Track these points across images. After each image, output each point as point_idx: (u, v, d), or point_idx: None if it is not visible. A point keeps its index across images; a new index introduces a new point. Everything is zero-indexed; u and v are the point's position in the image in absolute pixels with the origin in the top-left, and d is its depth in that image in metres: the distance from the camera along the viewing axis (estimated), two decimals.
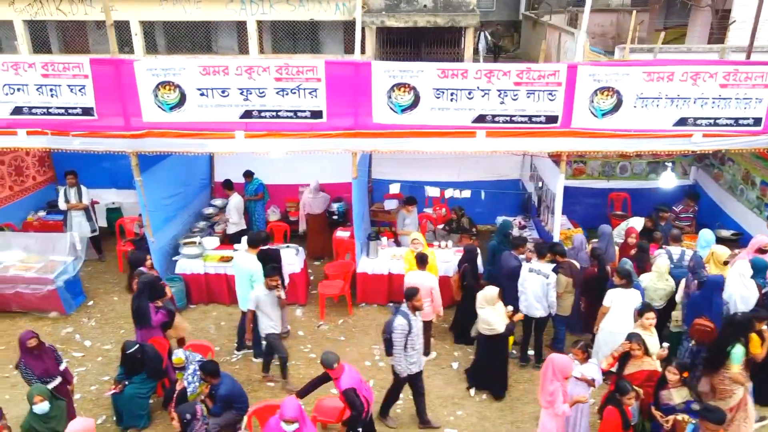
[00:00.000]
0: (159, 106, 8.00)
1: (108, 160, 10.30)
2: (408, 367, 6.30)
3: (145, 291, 6.81)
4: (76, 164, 11.13)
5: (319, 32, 22.29)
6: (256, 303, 7.01)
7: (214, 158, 11.31)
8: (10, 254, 8.92)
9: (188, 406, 5.32)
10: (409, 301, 6.23)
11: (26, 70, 7.84)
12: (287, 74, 7.84)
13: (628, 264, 7.14)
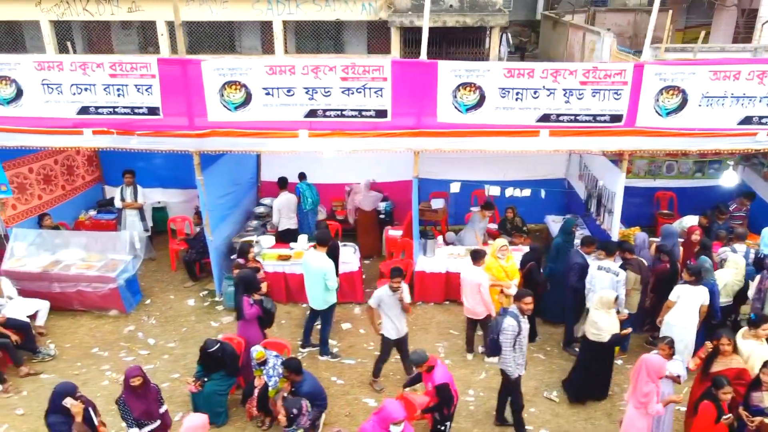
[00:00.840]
0: (224, 106, 8.06)
1: (155, 160, 10.41)
2: (517, 368, 6.23)
3: (240, 285, 6.85)
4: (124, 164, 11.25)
5: (343, 32, 22.35)
6: (379, 302, 6.99)
7: (261, 158, 11.35)
8: (70, 253, 8.98)
9: (294, 401, 5.38)
10: (518, 302, 6.18)
11: (94, 70, 7.90)
12: (353, 73, 7.89)
13: (708, 263, 7.17)
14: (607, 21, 25.71)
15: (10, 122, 8.16)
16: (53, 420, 5.32)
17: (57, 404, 5.30)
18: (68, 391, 5.38)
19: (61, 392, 5.36)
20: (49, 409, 5.39)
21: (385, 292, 6.94)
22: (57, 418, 5.31)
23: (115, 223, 10.45)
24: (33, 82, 7.97)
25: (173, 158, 10.35)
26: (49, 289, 8.64)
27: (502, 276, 7.61)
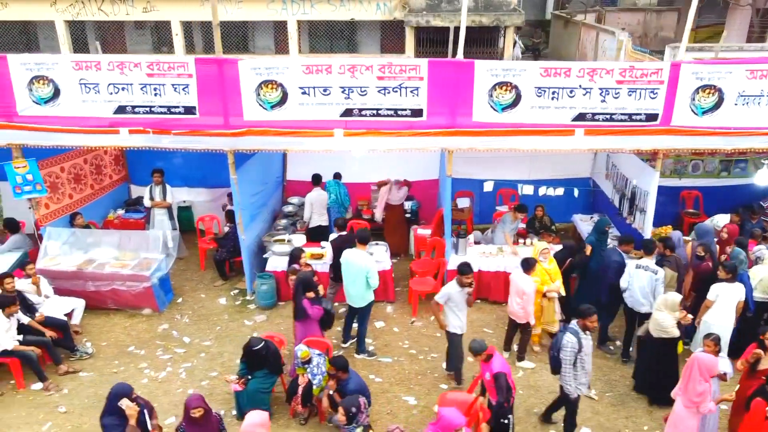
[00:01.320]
0: (260, 105, 8.09)
1: (180, 159, 10.45)
2: (577, 387, 6.10)
3: (300, 286, 6.87)
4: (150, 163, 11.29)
5: (356, 32, 22.39)
6: (447, 298, 6.98)
7: (287, 157, 11.38)
8: (103, 252, 9.02)
9: (353, 399, 5.40)
10: (582, 319, 5.99)
11: (131, 69, 7.94)
12: (390, 73, 7.93)
13: (742, 254, 7.21)
14: (616, 21, 25.74)
15: (47, 121, 8.20)
16: (108, 421, 5.31)
17: (113, 405, 5.30)
18: (124, 392, 5.38)
19: (117, 393, 5.35)
20: (105, 411, 5.38)
21: (455, 288, 6.93)
22: (111, 420, 5.30)
23: (144, 222, 10.49)
24: (70, 82, 8.00)
25: (198, 158, 10.36)
26: (83, 288, 8.68)
27: (546, 279, 7.60)
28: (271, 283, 8.92)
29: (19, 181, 8.55)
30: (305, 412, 6.66)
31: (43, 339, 7.55)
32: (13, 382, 7.47)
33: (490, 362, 5.85)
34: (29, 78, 7.97)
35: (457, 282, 6.94)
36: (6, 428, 6.74)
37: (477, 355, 5.91)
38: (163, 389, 7.40)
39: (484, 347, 5.90)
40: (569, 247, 8.44)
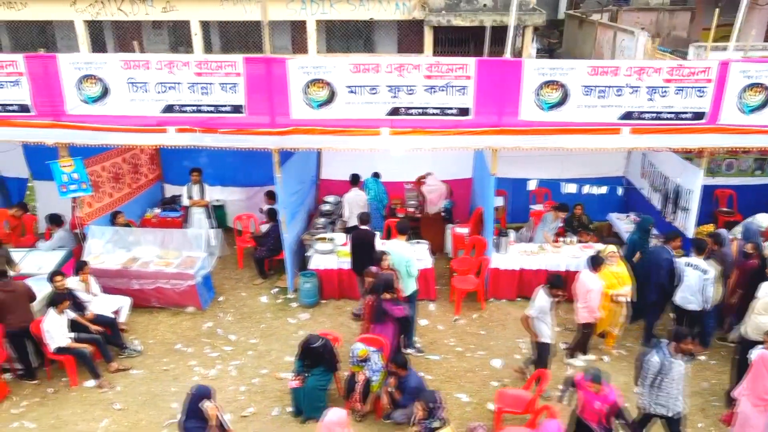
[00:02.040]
0: (307, 104, 8.14)
1: (214, 158, 10.48)
2: (653, 406, 5.86)
3: (381, 288, 6.80)
4: (183, 162, 11.34)
5: (374, 32, 22.44)
6: (540, 311, 6.87)
7: (321, 156, 11.42)
8: (146, 250, 9.06)
9: (430, 393, 5.44)
10: (677, 342, 5.69)
11: (180, 68, 7.98)
12: (438, 72, 7.96)
13: None
14: (629, 20, 25.75)
15: (95, 120, 8.24)
16: (190, 425, 5.30)
17: (194, 408, 5.30)
18: (205, 394, 5.39)
19: (199, 395, 5.36)
20: (187, 414, 5.37)
21: (545, 300, 6.80)
22: (193, 423, 5.29)
23: (181, 220, 10.54)
24: (119, 81, 8.05)
25: (232, 157, 10.43)
26: (127, 286, 8.73)
27: (614, 282, 7.53)
28: (314, 281, 8.95)
29: (65, 179, 8.60)
30: (364, 409, 6.68)
31: (94, 336, 7.59)
32: (65, 379, 7.52)
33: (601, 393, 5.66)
34: (78, 77, 8.02)
35: (546, 293, 6.81)
36: (64, 425, 6.79)
37: (594, 382, 5.64)
38: (214, 386, 7.36)
39: (600, 377, 5.68)
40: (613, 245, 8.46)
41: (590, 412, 5.71)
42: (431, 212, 10.54)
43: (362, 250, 8.44)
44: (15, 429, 6.74)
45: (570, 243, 9.42)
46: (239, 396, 7.24)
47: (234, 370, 7.72)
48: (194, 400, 5.32)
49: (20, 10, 20.67)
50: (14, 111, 8.24)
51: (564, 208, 9.62)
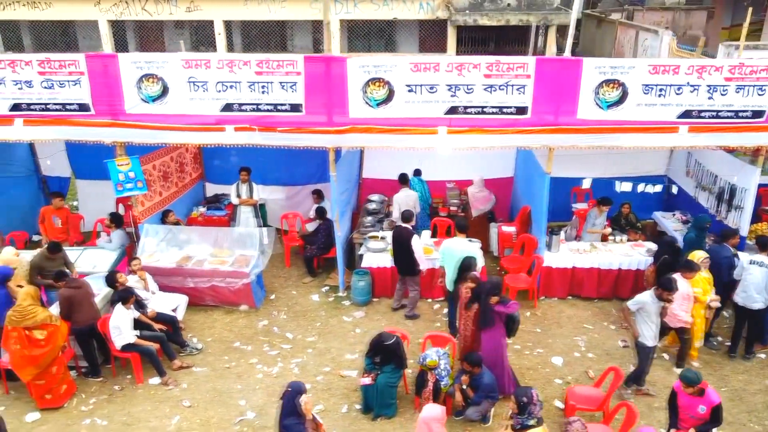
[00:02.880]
0: (366, 102, 8.17)
1: (255, 157, 10.50)
2: None
3: (492, 291, 6.69)
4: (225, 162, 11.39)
5: (396, 31, 22.48)
6: (640, 306, 6.77)
7: (363, 155, 11.45)
8: (199, 248, 9.10)
9: (524, 390, 5.45)
10: None
11: (240, 68, 8.00)
12: (497, 71, 7.99)
13: None
14: (645, 19, 25.77)
15: (154, 119, 8.28)
16: (289, 422, 5.29)
17: (291, 405, 5.31)
18: (301, 390, 5.42)
19: (295, 392, 5.37)
20: (284, 412, 5.38)
21: (650, 298, 6.69)
22: (292, 420, 5.29)
23: (228, 219, 10.58)
24: (179, 80, 8.08)
25: (275, 156, 10.48)
26: (182, 284, 8.76)
27: (708, 288, 7.41)
28: (367, 279, 8.99)
29: (121, 178, 8.63)
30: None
31: (158, 334, 7.63)
32: (129, 376, 7.57)
33: (704, 395, 5.64)
34: (139, 76, 8.06)
35: (654, 293, 6.70)
36: (136, 422, 6.83)
37: (690, 386, 5.63)
38: (279, 384, 7.43)
39: (700, 379, 5.65)
40: (668, 243, 8.49)
41: (689, 420, 5.67)
42: (476, 214, 10.55)
43: (399, 248, 8.54)
44: (87, 426, 6.78)
45: (620, 242, 9.44)
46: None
47: (296, 368, 7.75)
48: (291, 397, 5.35)
49: (44, 10, 20.74)
50: (74, 110, 8.28)
51: (607, 202, 9.65)
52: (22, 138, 8.53)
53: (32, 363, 6.60)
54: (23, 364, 6.58)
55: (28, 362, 6.59)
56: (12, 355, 6.60)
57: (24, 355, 6.56)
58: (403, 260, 8.59)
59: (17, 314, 6.51)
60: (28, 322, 6.53)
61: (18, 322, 6.50)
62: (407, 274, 8.67)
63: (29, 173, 11.41)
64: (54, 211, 9.47)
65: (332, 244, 9.72)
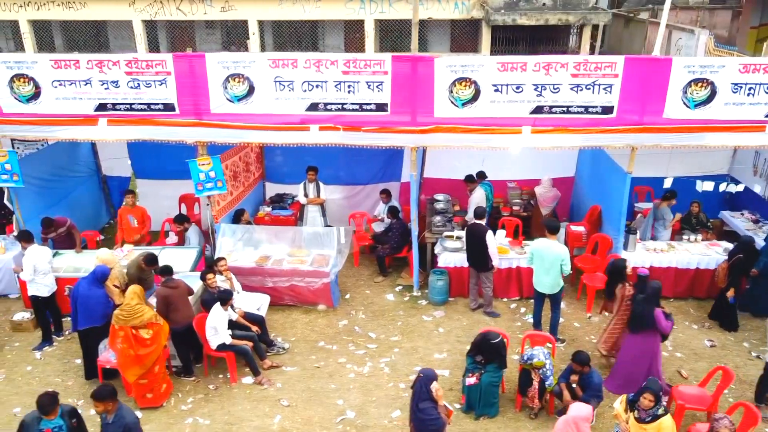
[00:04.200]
0: (452, 102, 8.17)
1: (315, 157, 10.49)
2: None
3: (655, 296, 6.71)
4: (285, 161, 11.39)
5: (427, 31, 22.47)
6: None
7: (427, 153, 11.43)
8: (275, 248, 9.11)
9: (654, 382, 5.45)
10: None
11: (327, 67, 8.01)
12: (585, 70, 7.98)
13: None
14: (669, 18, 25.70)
15: (238, 119, 8.29)
16: (425, 406, 5.48)
17: (425, 391, 5.46)
18: (434, 377, 5.52)
19: (428, 378, 5.51)
20: (419, 396, 5.53)
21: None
22: (427, 404, 5.49)
23: (294, 218, 10.59)
24: (265, 80, 8.09)
25: (337, 156, 10.49)
26: (261, 284, 8.78)
27: None
28: (445, 279, 8.99)
29: (201, 178, 8.63)
30: (538, 406, 6.72)
31: (249, 333, 7.64)
32: (221, 376, 7.59)
33: None
34: (225, 76, 8.06)
35: None
36: (239, 421, 6.84)
37: None
38: (372, 383, 7.48)
39: None
40: (746, 243, 8.46)
41: None
42: (544, 213, 10.55)
43: (473, 244, 8.58)
44: (190, 425, 6.79)
45: (694, 241, 9.43)
46: (402, 393, 7.27)
47: (386, 368, 7.76)
48: (425, 382, 5.52)
49: (79, 10, 20.78)
50: (158, 110, 8.29)
51: (674, 195, 9.64)
52: (105, 137, 8.54)
53: (138, 362, 6.61)
54: (129, 363, 6.59)
55: (134, 362, 6.60)
56: (119, 355, 6.62)
57: (130, 355, 6.57)
58: (477, 256, 8.62)
59: (125, 313, 6.52)
60: (136, 321, 6.54)
61: (126, 321, 6.51)
62: (481, 270, 8.69)
63: (91, 173, 11.47)
64: (130, 210, 9.48)
65: (405, 243, 9.73)
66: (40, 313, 8.11)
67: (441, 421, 5.61)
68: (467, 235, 8.68)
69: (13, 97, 8.26)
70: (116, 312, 6.57)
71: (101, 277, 7.18)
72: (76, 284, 7.25)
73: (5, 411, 7.00)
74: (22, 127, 8.45)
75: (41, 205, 9.63)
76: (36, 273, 7.82)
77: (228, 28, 22.71)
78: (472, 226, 8.63)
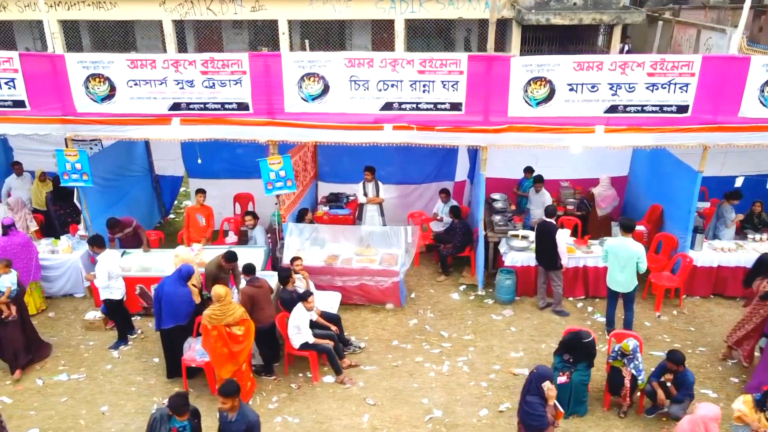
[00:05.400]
0: (526, 101, 8.18)
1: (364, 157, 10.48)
2: None
3: None
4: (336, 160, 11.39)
5: (454, 31, 22.49)
6: None
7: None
8: (341, 247, 9.12)
9: None
10: None
11: (404, 66, 8.02)
12: (661, 69, 7.98)
13: None
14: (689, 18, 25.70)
15: (310, 118, 8.30)
16: (533, 399, 5.53)
17: (536, 387, 5.48)
18: (548, 375, 5.52)
19: (541, 376, 5.52)
20: (529, 390, 5.60)
21: None
22: (536, 399, 5.52)
23: (352, 218, 10.59)
24: (341, 79, 8.10)
25: (389, 155, 10.46)
26: (330, 283, 8.80)
27: None
28: (513, 278, 8.99)
29: (272, 177, 8.64)
30: (628, 405, 6.73)
31: (329, 332, 7.65)
32: (301, 375, 7.60)
33: None
34: (301, 75, 8.08)
35: None
36: (327, 420, 6.85)
37: None
38: (454, 382, 7.49)
39: None
40: None
41: None
42: (601, 214, 10.55)
43: (543, 242, 8.60)
44: (280, 423, 6.80)
45: (760, 240, 9.42)
46: (486, 392, 7.29)
47: (464, 366, 7.76)
48: (537, 378, 5.57)
49: (109, 10, 20.83)
50: (232, 109, 8.31)
51: (737, 195, 9.63)
52: (177, 137, 8.56)
53: (232, 359, 6.64)
54: (224, 361, 6.61)
55: (228, 359, 6.62)
56: (213, 354, 6.63)
57: (224, 353, 6.59)
58: (546, 254, 8.64)
59: (219, 312, 6.54)
60: (229, 319, 6.56)
61: (220, 320, 6.52)
62: (550, 268, 8.70)
63: (145, 173, 11.49)
64: (198, 209, 9.49)
65: (468, 243, 9.74)
66: (117, 315, 8.12)
67: (545, 420, 5.62)
68: (537, 233, 8.70)
69: (88, 97, 8.27)
70: (208, 312, 6.58)
71: (186, 276, 7.20)
72: (161, 283, 7.27)
73: (93, 410, 7.03)
74: (95, 126, 8.47)
75: (102, 204, 9.65)
76: (110, 278, 7.82)
77: (256, 27, 22.77)
78: (542, 224, 8.65)
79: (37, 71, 8.16)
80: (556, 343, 8.07)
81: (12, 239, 8.45)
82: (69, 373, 7.63)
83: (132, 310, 8.68)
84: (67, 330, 8.61)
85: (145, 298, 8.65)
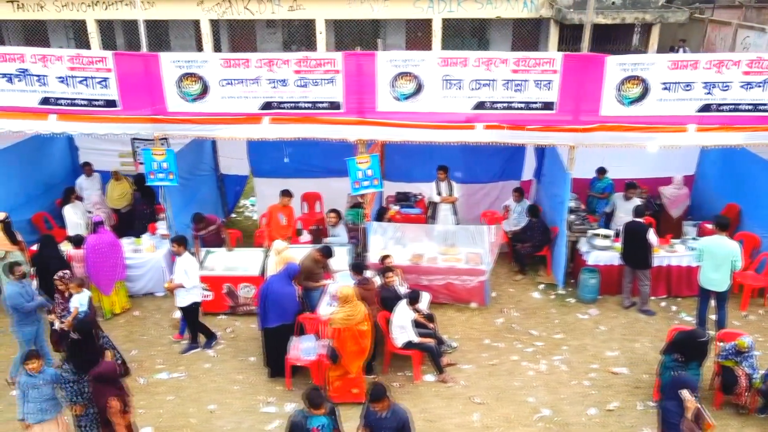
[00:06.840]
0: (618, 100, 8.18)
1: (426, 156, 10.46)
2: None
3: None
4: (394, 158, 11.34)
5: (489, 30, 22.48)
6: None
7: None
8: (424, 246, 9.13)
9: None
10: None
11: (497, 66, 8.03)
12: (758, 68, 7.98)
13: None
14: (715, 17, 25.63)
15: (402, 117, 8.31)
16: (671, 406, 5.45)
17: (674, 392, 5.43)
18: (688, 383, 5.48)
19: (681, 382, 5.48)
20: (668, 396, 5.53)
21: None
22: (673, 405, 5.43)
23: (425, 216, 10.59)
24: (434, 78, 8.11)
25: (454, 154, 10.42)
26: (416, 282, 8.77)
27: None
28: (597, 277, 8.99)
29: (359, 176, 8.65)
30: (744, 403, 6.72)
31: (429, 331, 7.66)
32: (400, 373, 7.61)
33: None
34: (394, 74, 8.09)
35: None
36: (438, 419, 6.86)
37: None
38: (555, 381, 7.48)
39: None
40: None
41: None
42: (674, 215, 10.56)
43: (632, 242, 8.59)
44: None
45: None
46: (590, 391, 7.29)
47: (562, 365, 7.76)
48: (676, 383, 5.54)
49: (147, 10, 20.80)
50: (323, 108, 8.32)
51: None
52: (267, 136, 8.55)
53: (361, 355, 6.76)
54: (354, 358, 6.68)
55: (357, 356, 6.72)
56: (345, 353, 6.64)
57: (353, 351, 6.64)
58: (635, 254, 8.63)
59: (348, 315, 6.56)
60: (359, 318, 6.59)
61: (349, 322, 6.55)
62: (639, 268, 8.70)
63: (211, 172, 11.50)
64: (280, 208, 9.51)
65: (546, 242, 9.74)
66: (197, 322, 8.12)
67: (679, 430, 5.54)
68: (626, 232, 8.68)
69: (180, 96, 8.29)
70: (341, 315, 6.57)
71: (293, 274, 7.21)
72: (267, 282, 7.30)
73: (201, 408, 7.05)
74: (185, 126, 8.49)
75: (179, 203, 9.68)
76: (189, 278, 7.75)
77: (290, 27, 22.78)
78: (631, 224, 8.64)
79: (130, 70, 8.17)
80: (650, 341, 8.15)
81: (102, 237, 8.49)
82: (169, 372, 7.65)
83: (219, 309, 8.72)
84: (155, 329, 8.64)
85: (233, 297, 8.67)
